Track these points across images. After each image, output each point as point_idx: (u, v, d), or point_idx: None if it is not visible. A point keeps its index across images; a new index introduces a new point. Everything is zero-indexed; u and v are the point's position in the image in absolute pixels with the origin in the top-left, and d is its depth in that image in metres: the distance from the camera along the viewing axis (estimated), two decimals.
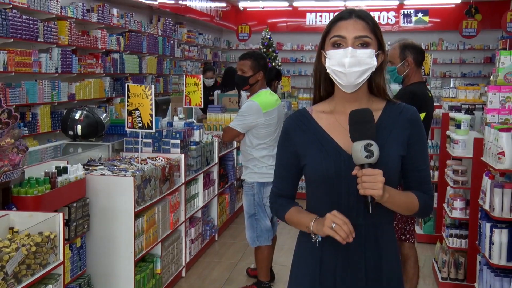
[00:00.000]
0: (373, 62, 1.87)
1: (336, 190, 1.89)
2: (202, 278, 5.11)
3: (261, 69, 4.56)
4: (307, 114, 2.01)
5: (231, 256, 5.74)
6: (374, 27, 1.90)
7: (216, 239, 6.23)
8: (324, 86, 2.01)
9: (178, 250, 5.00)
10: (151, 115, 4.42)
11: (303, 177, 2.05)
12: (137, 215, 4.07)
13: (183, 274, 5.12)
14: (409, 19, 16.57)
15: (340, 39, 1.88)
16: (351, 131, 1.82)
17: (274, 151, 4.52)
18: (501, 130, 3.37)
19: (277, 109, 4.57)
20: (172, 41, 12.69)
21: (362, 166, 1.78)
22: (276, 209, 2.10)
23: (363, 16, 1.91)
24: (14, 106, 3.19)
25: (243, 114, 4.49)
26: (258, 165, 4.51)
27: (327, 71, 1.91)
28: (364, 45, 1.87)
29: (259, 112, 4.42)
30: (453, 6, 16.22)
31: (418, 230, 6.22)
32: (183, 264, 5.11)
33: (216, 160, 6.10)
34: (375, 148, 1.77)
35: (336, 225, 1.79)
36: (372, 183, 1.75)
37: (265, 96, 4.54)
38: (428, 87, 9.24)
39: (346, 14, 1.92)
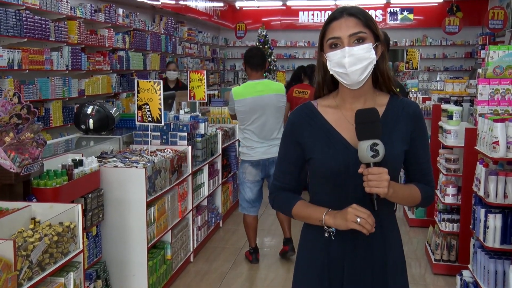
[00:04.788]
0: (372, 56, 1.79)
1: (344, 184, 1.82)
2: (209, 263, 5.07)
3: (244, 62, 4.95)
4: (313, 108, 1.92)
5: (235, 241, 5.69)
6: (367, 21, 1.80)
7: (221, 225, 6.18)
8: (327, 85, 1.94)
9: (186, 236, 4.95)
10: (160, 109, 4.37)
11: None
12: (148, 205, 4.01)
13: (191, 259, 5.08)
14: (395, 17, 16.53)
15: (335, 40, 1.79)
16: (357, 131, 1.75)
17: (252, 136, 4.82)
18: (495, 120, 3.33)
19: (254, 99, 4.80)
20: (173, 39, 12.58)
21: (368, 165, 1.73)
22: (279, 203, 1.99)
23: (354, 12, 1.81)
24: (28, 102, 3.12)
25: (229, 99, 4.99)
26: (241, 145, 4.95)
27: (330, 72, 1.83)
28: (360, 41, 1.78)
29: (232, 98, 4.87)
30: (436, 4, 16.20)
31: (410, 215, 6.21)
32: (191, 250, 5.06)
33: (220, 151, 6.04)
34: (380, 148, 1.71)
35: (361, 219, 1.73)
36: (377, 181, 1.70)
37: (244, 86, 4.94)
38: (416, 80, 9.23)
39: (338, 14, 1.82)
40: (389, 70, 1.91)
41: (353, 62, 1.76)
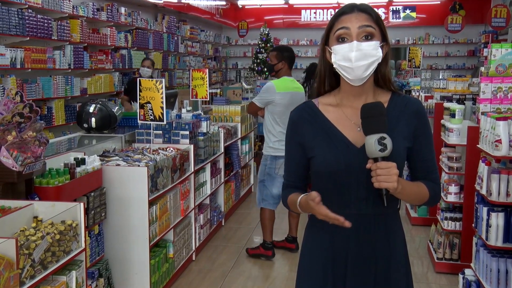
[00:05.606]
0: (379, 54, 1.77)
1: (346, 182, 1.81)
2: (212, 261, 5.07)
3: (284, 59, 5.09)
4: (314, 107, 1.91)
5: (237, 240, 5.69)
6: (377, 18, 1.80)
7: (223, 224, 6.18)
8: (329, 82, 1.92)
9: (189, 235, 4.95)
10: (162, 108, 4.37)
11: None
12: (150, 203, 4.01)
13: (194, 258, 5.08)
14: (397, 15, 16.51)
15: (344, 30, 1.77)
16: (364, 125, 1.73)
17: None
18: (498, 119, 3.32)
19: (292, 93, 4.98)
20: (176, 38, 12.59)
21: (375, 159, 1.70)
22: (285, 201, 2.00)
23: (364, 8, 1.80)
24: (30, 101, 3.12)
25: (261, 92, 5.07)
26: (273, 139, 4.96)
27: (334, 66, 1.81)
28: (369, 37, 1.77)
29: (273, 90, 4.93)
30: (439, 2, 16.18)
31: (413, 213, 6.20)
32: (194, 248, 5.07)
33: (222, 149, 6.04)
34: (388, 142, 1.69)
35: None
36: (386, 176, 1.67)
37: (283, 80, 5.04)
38: (419, 78, 9.21)
39: (348, 9, 1.81)
40: (390, 71, 1.90)
41: (359, 57, 1.75)
